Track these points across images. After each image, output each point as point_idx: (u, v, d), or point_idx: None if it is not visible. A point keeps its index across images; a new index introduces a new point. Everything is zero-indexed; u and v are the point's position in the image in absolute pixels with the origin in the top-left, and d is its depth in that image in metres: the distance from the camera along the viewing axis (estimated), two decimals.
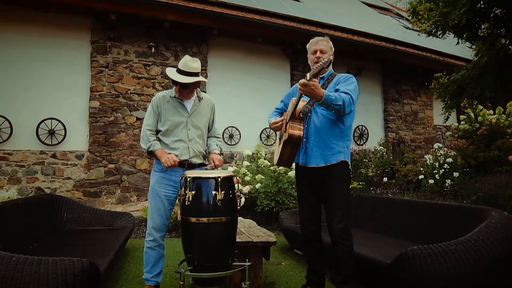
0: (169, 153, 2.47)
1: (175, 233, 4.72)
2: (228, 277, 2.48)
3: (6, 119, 5.51)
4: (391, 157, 6.80)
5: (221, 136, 3.79)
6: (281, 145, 2.45)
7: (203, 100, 2.69)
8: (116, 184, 6.21)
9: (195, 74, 2.47)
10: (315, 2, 9.95)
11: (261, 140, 7.54)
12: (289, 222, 3.91)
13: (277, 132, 2.73)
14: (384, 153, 7.05)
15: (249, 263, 2.20)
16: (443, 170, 5.03)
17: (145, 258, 2.52)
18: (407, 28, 10.91)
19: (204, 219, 2.05)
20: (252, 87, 7.59)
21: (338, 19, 8.89)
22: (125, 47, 6.41)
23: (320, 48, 2.52)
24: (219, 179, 2.10)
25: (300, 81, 2.13)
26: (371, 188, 6.15)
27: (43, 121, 5.75)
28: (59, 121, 5.85)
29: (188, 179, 2.12)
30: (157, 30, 6.54)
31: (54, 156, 5.86)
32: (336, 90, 2.37)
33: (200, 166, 2.64)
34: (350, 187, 2.60)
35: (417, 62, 9.01)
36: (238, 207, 2.26)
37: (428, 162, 5.38)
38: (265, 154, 6.37)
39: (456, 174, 4.89)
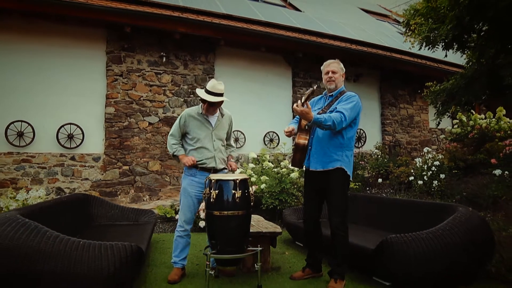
0: (188, 156, 3.03)
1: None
2: (242, 261, 2.98)
3: (29, 124, 5.96)
4: (386, 160, 7.20)
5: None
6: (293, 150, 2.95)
7: (225, 116, 3.24)
8: (130, 185, 6.66)
9: (221, 95, 3.01)
10: (315, 11, 10.38)
11: (264, 143, 7.99)
12: (292, 218, 4.33)
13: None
14: (379, 156, 7.46)
15: (261, 248, 2.70)
16: (430, 172, 5.47)
17: (175, 244, 3.03)
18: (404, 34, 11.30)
19: (225, 213, 2.58)
20: (256, 93, 8.03)
21: (337, 28, 9.32)
22: (138, 57, 6.85)
23: (332, 69, 2.98)
24: (237, 181, 2.63)
25: (293, 106, 2.62)
26: (367, 189, 6.47)
27: (62, 126, 6.18)
28: (78, 126, 6.29)
29: (213, 180, 2.65)
30: (168, 41, 6.99)
31: (73, 158, 6.30)
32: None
33: (222, 170, 3.17)
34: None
35: (412, 68, 9.37)
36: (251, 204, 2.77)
37: (418, 164, 5.82)
38: (269, 157, 6.80)
39: (442, 176, 5.33)
